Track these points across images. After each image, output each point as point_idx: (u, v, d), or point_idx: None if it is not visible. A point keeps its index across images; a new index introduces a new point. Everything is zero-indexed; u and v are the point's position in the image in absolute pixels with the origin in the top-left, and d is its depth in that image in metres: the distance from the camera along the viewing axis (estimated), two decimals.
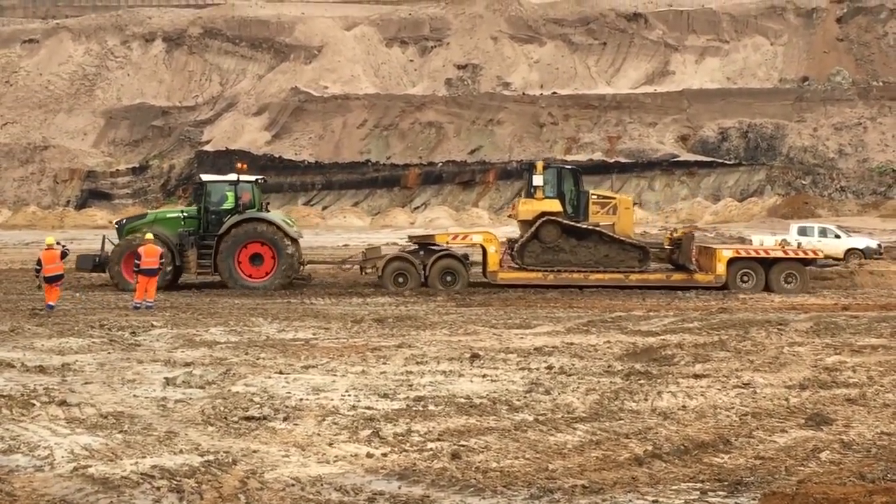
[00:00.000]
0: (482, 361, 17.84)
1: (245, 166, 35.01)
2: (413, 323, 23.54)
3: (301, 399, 14.48)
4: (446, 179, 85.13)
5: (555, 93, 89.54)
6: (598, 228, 32.93)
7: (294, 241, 32.32)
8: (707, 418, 13.43)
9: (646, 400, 14.55)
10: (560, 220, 32.68)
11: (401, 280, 32.12)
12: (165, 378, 16.03)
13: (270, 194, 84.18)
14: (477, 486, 10.36)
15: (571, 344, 20.07)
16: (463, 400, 14.43)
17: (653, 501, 9.96)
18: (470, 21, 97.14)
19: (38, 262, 26.17)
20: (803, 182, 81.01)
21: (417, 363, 17.66)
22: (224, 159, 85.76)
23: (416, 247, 33.79)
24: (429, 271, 32.14)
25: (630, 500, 10.00)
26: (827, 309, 27.06)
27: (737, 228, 65.54)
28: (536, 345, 19.93)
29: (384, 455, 11.51)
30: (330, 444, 11.98)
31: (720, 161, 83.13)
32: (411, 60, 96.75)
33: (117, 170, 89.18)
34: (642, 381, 15.90)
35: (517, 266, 32.76)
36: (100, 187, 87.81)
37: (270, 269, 31.82)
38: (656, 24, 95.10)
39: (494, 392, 15.03)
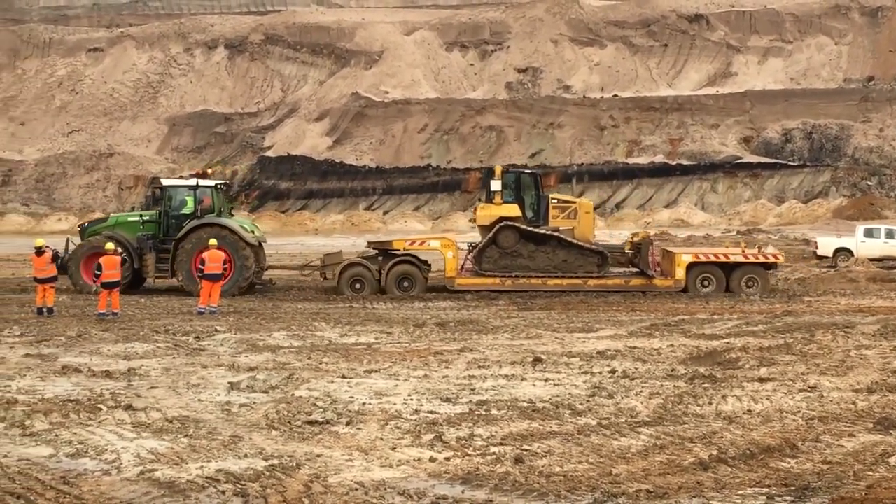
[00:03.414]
0: (544, 365, 17.80)
1: (206, 171, 34.89)
2: (475, 327, 23.54)
3: (364, 403, 14.53)
4: None
5: (616, 95, 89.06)
6: (556, 233, 32.48)
7: (253, 247, 32.33)
8: (773, 422, 13.29)
9: (710, 404, 14.44)
10: (518, 225, 32.29)
11: (357, 286, 31.94)
12: (230, 382, 16.16)
13: (332, 199, 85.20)
14: (540, 490, 10.34)
15: (634, 348, 19.97)
16: (526, 404, 14.41)
17: None
18: (530, 24, 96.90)
19: (98, 268, 26.33)
20: (869, 183, 79.83)
21: (480, 367, 17.66)
22: (286, 165, 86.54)
23: (375, 252, 33.59)
24: (385, 277, 32.06)
25: None
26: (895, 312, 26.69)
27: (801, 230, 64.82)
28: (599, 348, 19.85)
29: (447, 459, 11.52)
30: (393, 449, 12.02)
31: (784, 162, 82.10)
32: (471, 64, 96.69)
33: (181, 176, 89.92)
34: (706, 385, 15.78)
35: (475, 271, 32.61)
36: None
37: (228, 274, 31.88)
38: (718, 25, 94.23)
39: (557, 396, 14.99)
